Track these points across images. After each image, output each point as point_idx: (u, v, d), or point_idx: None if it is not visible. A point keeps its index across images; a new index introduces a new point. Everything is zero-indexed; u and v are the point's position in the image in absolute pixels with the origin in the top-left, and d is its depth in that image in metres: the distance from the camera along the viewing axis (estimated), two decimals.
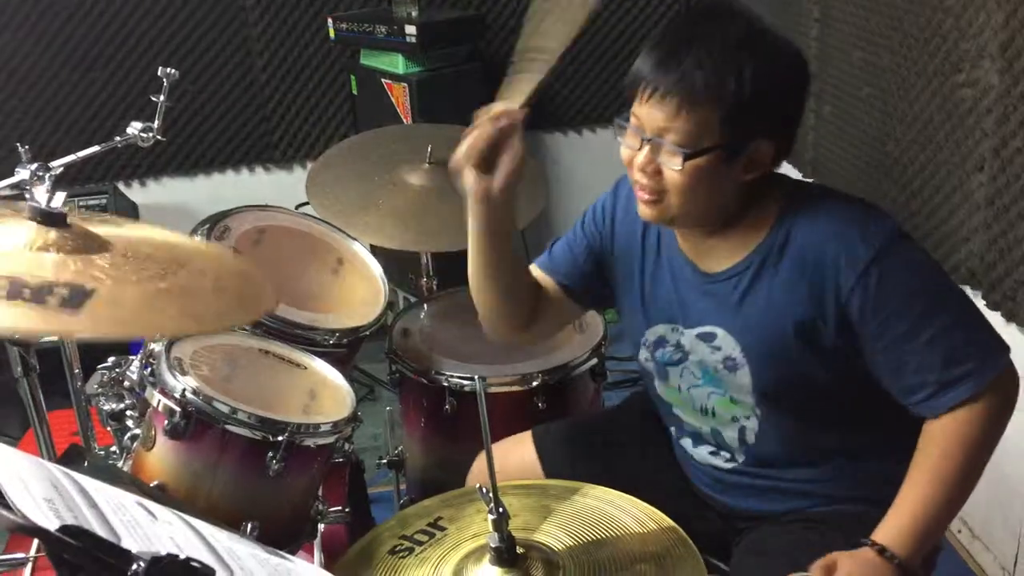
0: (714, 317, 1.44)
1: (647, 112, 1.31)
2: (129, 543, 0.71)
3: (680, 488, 1.61)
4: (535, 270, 1.66)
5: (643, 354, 1.57)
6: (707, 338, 1.45)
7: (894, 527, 1.32)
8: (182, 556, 0.66)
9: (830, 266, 1.33)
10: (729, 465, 1.52)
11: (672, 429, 1.61)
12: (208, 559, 0.78)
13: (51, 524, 0.65)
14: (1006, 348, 1.35)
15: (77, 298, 1.02)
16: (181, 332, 1.50)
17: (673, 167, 1.30)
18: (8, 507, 0.64)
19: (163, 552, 0.66)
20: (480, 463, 1.71)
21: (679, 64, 1.27)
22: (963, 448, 1.32)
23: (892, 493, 1.35)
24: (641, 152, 1.33)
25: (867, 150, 2.63)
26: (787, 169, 3.22)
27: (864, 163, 2.66)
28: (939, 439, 1.33)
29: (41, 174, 1.67)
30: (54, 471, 0.79)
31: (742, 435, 1.49)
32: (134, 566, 0.63)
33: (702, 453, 1.55)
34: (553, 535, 1.16)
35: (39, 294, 1.00)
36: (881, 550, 1.30)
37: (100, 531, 0.69)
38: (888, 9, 2.43)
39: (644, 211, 1.39)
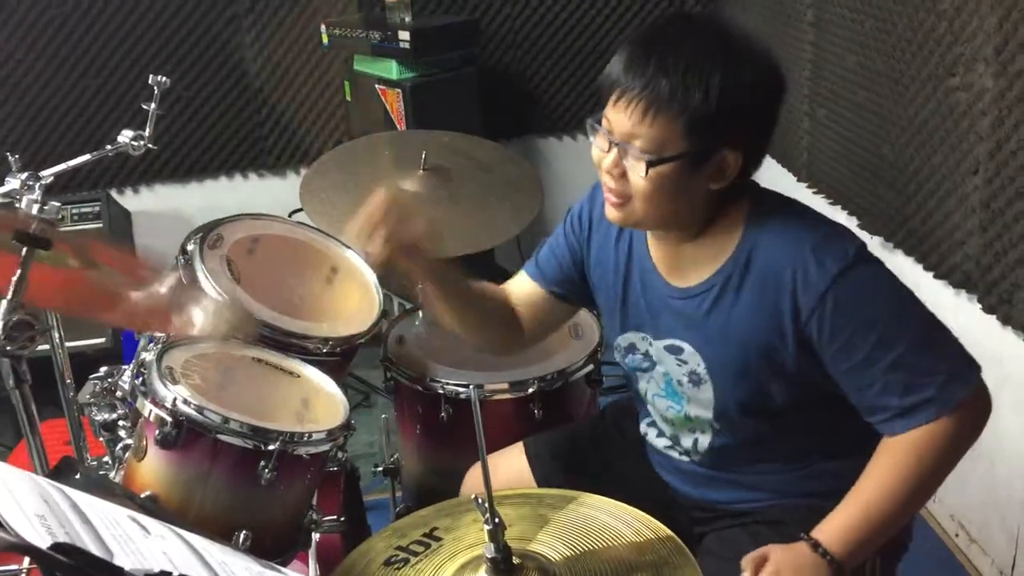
0: (681, 332, 1.45)
1: (615, 115, 1.31)
2: (122, 559, 0.70)
3: (655, 487, 1.62)
4: (523, 279, 1.69)
5: (617, 355, 1.60)
6: (674, 351, 1.47)
7: (834, 526, 1.34)
8: (176, 574, 0.65)
9: (788, 291, 1.33)
10: (685, 459, 1.56)
11: (643, 417, 1.64)
12: (202, 574, 0.77)
13: (43, 541, 0.64)
14: (974, 369, 1.34)
15: None
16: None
17: (638, 173, 1.31)
18: (0, 525, 0.63)
19: (156, 569, 0.65)
20: (474, 473, 1.71)
21: (646, 70, 1.27)
22: (917, 465, 1.32)
23: (845, 488, 1.36)
24: (609, 155, 1.34)
25: (862, 154, 2.62)
26: (781, 173, 3.24)
27: (859, 167, 2.65)
28: (894, 452, 1.34)
29: (31, 183, 1.66)
30: (46, 486, 0.78)
31: (695, 445, 1.53)
32: None
33: (661, 444, 1.59)
34: (549, 545, 1.16)
35: None
36: (815, 545, 1.32)
37: (93, 548, 0.68)
38: (882, 13, 2.43)
39: (611, 213, 1.40)
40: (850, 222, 2.71)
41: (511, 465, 1.69)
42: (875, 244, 2.57)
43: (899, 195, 2.44)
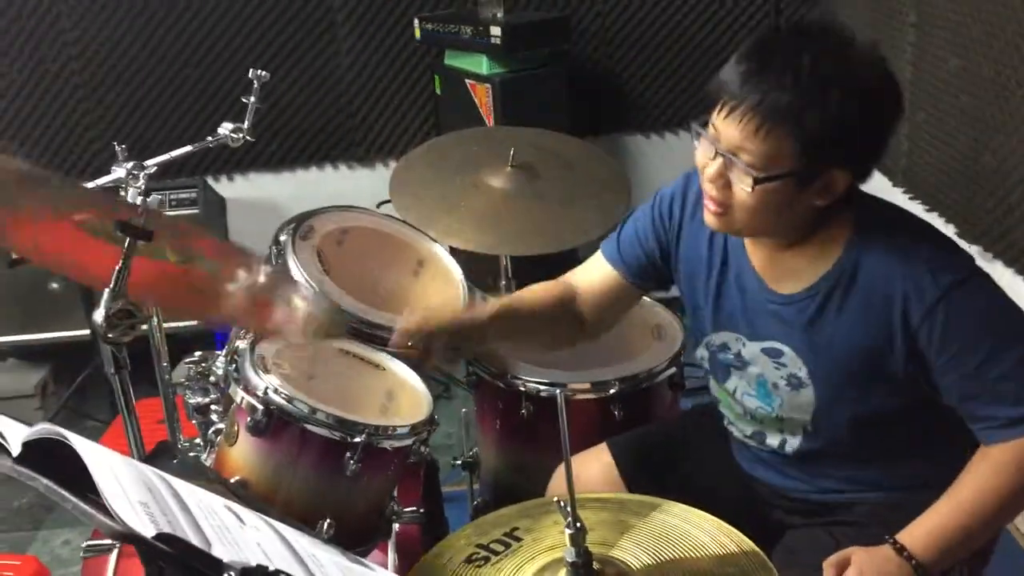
0: (782, 336, 1.43)
1: (724, 126, 1.28)
2: (219, 549, 0.72)
3: (740, 486, 1.62)
4: (599, 264, 1.66)
5: (701, 352, 1.58)
6: (773, 354, 1.45)
7: (921, 530, 1.32)
8: (271, 567, 0.67)
9: (898, 302, 1.31)
10: (766, 452, 1.54)
11: (721, 417, 1.63)
12: (293, 566, 0.79)
13: (147, 529, 0.67)
14: None
15: None
16: None
17: (743, 186, 1.28)
18: (108, 513, 0.66)
19: (252, 562, 0.67)
20: (559, 474, 1.71)
21: (763, 84, 1.24)
22: (1017, 476, 1.30)
23: (941, 483, 1.35)
24: (713, 164, 1.32)
25: (962, 160, 2.54)
26: (877, 178, 3.15)
27: (958, 174, 2.57)
28: (995, 461, 1.32)
29: (136, 172, 1.72)
30: (148, 473, 0.81)
31: (782, 445, 1.51)
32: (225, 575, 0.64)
33: (741, 436, 1.58)
34: (630, 552, 1.15)
35: None
36: (900, 549, 1.30)
37: (192, 537, 0.70)
38: (988, 16, 2.35)
39: (709, 219, 1.38)
40: (947, 229, 2.63)
41: (595, 466, 1.69)
42: (973, 253, 2.48)
43: (1000, 204, 2.35)
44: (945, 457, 1.38)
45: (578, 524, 1.09)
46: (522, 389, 1.98)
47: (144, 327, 1.90)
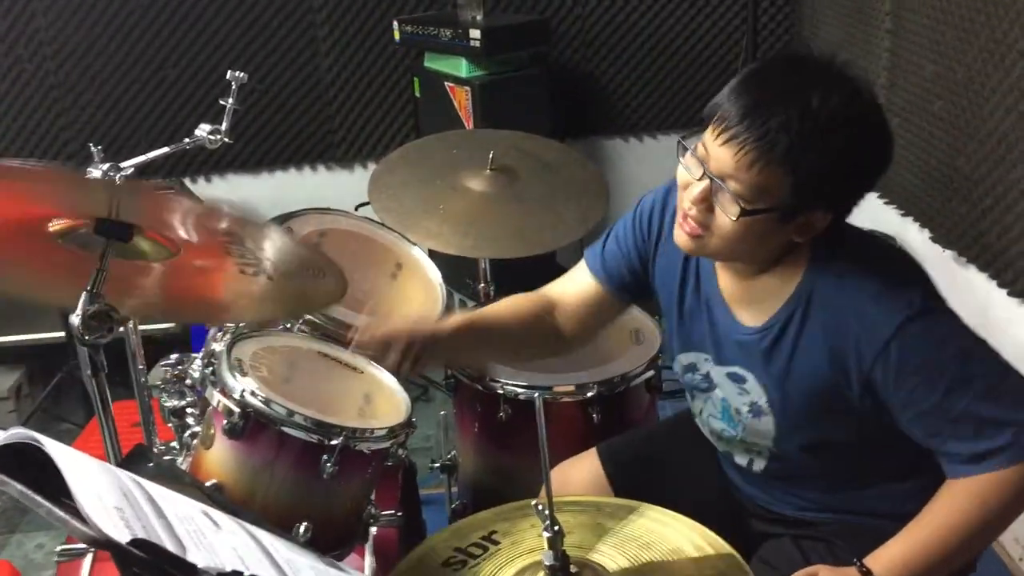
0: (745, 364, 1.42)
1: (717, 152, 1.26)
2: (194, 555, 0.72)
3: (728, 493, 1.63)
4: (582, 274, 1.63)
5: (676, 368, 1.58)
6: (736, 379, 1.45)
7: (888, 556, 1.32)
8: (247, 573, 0.67)
9: (851, 339, 1.29)
10: (743, 465, 1.55)
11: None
12: (269, 571, 0.79)
13: (121, 535, 0.67)
14: None
15: None
16: None
17: (726, 214, 1.27)
18: (82, 519, 0.66)
19: (227, 568, 0.67)
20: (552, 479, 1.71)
21: (766, 120, 1.21)
22: (981, 509, 1.29)
23: (905, 510, 1.35)
24: (698, 185, 1.29)
25: (937, 166, 2.57)
26: None
27: (933, 179, 2.60)
28: (959, 494, 1.31)
29: (112, 174, 1.71)
30: (123, 478, 0.81)
31: (750, 465, 1.52)
32: None
33: (720, 448, 1.58)
34: (607, 555, 1.15)
35: None
36: (867, 573, 1.30)
37: (167, 543, 0.70)
38: (963, 23, 2.37)
39: (682, 240, 1.35)
40: (922, 234, 2.66)
41: (583, 471, 1.69)
42: (947, 258, 2.52)
43: (974, 209, 2.38)
44: (912, 487, 1.39)
45: (556, 527, 1.09)
46: (500, 392, 1.98)
47: (120, 329, 1.89)
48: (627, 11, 3.51)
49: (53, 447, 0.76)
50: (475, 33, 3.03)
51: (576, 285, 1.64)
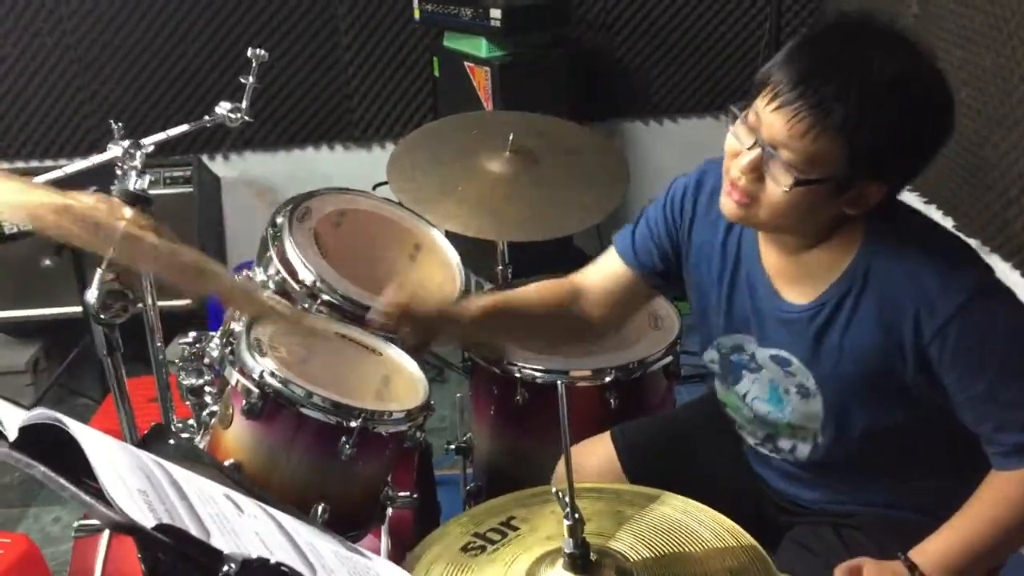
0: (789, 345, 1.40)
1: (770, 119, 1.22)
2: (218, 539, 0.71)
3: (747, 481, 1.60)
4: (611, 259, 1.60)
5: (710, 355, 1.53)
6: (781, 362, 1.42)
7: (933, 550, 1.30)
8: (272, 559, 0.66)
9: (909, 317, 1.27)
10: (776, 457, 1.52)
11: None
12: (292, 556, 0.79)
13: (146, 519, 0.66)
14: None
15: None
16: None
17: (778, 184, 1.23)
18: (107, 502, 0.65)
19: (252, 553, 0.67)
20: (563, 465, 1.70)
21: (821, 88, 1.18)
22: (1020, 507, 1.28)
23: (948, 506, 1.33)
24: (749, 154, 1.25)
25: (963, 154, 2.53)
26: None
27: (959, 168, 2.57)
28: (1006, 485, 1.30)
29: (133, 151, 1.70)
30: (146, 460, 0.80)
31: (793, 451, 1.48)
32: (225, 568, 0.63)
33: (752, 442, 1.54)
34: (628, 543, 1.15)
35: None
36: (912, 567, 1.29)
37: (191, 527, 0.70)
38: (992, 7, 2.34)
39: (729, 208, 1.31)
40: (945, 222, 2.63)
41: (597, 456, 1.68)
42: (972, 245, 2.49)
43: (999, 198, 2.35)
44: (957, 480, 1.36)
45: (577, 515, 1.09)
46: (518, 376, 1.97)
47: (138, 306, 1.88)
48: None
49: (77, 428, 0.75)
50: (496, 13, 3.01)
51: (605, 271, 1.61)
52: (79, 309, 3.05)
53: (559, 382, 1.13)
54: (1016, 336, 1.27)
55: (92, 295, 1.26)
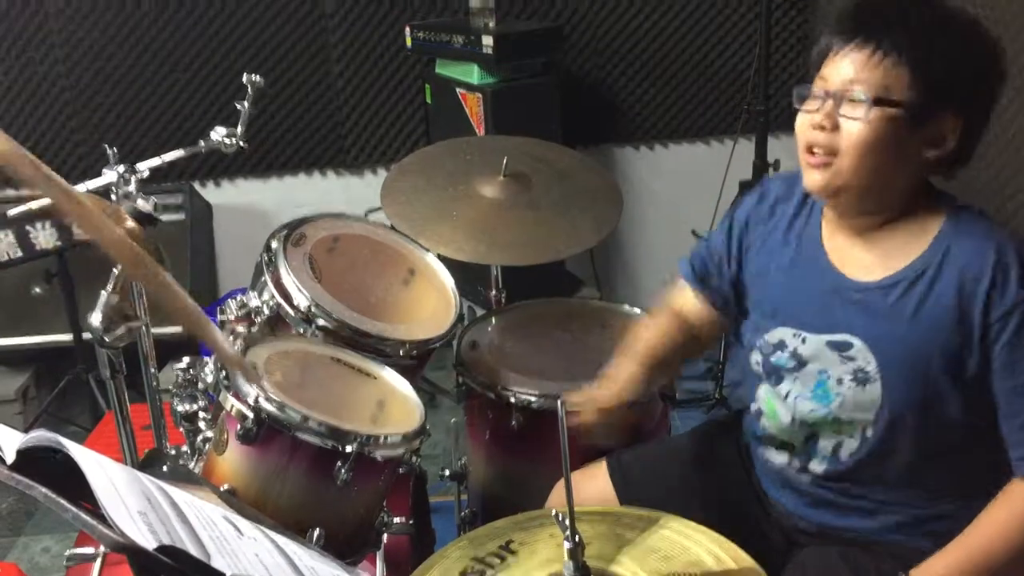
0: (853, 326, 1.40)
1: (837, 67, 1.32)
2: (218, 561, 0.71)
3: (748, 505, 1.60)
4: (685, 295, 1.68)
5: (756, 357, 1.54)
6: (840, 347, 1.41)
7: (939, 568, 1.30)
8: None
9: (983, 290, 1.30)
10: (804, 476, 1.51)
11: (757, 431, 1.60)
12: None
13: (146, 541, 0.65)
14: None
15: None
16: None
17: (856, 116, 1.30)
18: (107, 523, 0.64)
19: (253, 575, 0.66)
20: (559, 488, 1.70)
21: (886, 18, 1.29)
22: None
23: (949, 530, 1.34)
24: (821, 110, 1.33)
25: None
26: None
27: (952, 187, 2.57)
28: (1012, 500, 1.31)
29: (128, 176, 1.70)
30: (145, 482, 0.79)
31: (835, 451, 1.46)
32: None
33: (778, 461, 1.54)
34: (627, 567, 1.14)
35: None
36: None
37: (192, 549, 0.69)
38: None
39: (812, 178, 1.37)
40: None
41: (594, 484, 1.67)
42: None
43: (995, 215, 2.35)
44: (977, 507, 1.35)
45: (577, 537, 1.08)
46: (513, 400, 1.97)
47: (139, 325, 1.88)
48: (640, 19, 3.50)
49: (76, 450, 0.74)
50: (487, 40, 3.03)
51: (685, 297, 1.69)
52: (69, 337, 3.03)
53: (559, 402, 1.12)
54: None
55: (96, 317, 1.26)
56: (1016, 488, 1.31)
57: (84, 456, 0.73)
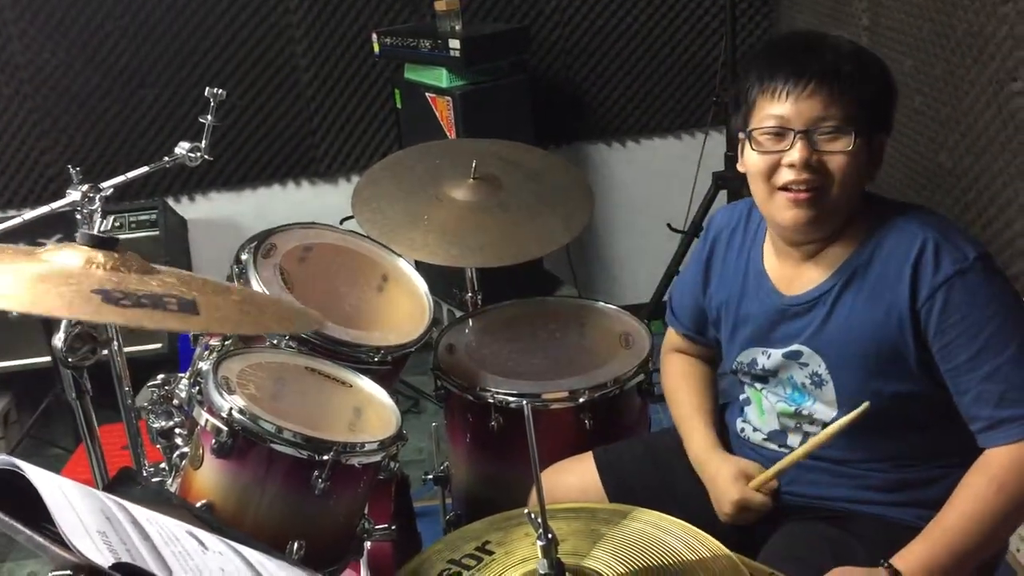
0: (798, 337, 1.47)
1: (795, 107, 1.36)
2: None
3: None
4: (673, 335, 1.82)
5: (738, 376, 1.64)
6: (794, 356, 1.49)
7: (918, 555, 1.32)
8: None
9: (906, 279, 1.35)
10: (780, 445, 1.57)
11: (737, 415, 1.67)
12: None
13: (105, 559, 0.65)
14: None
15: (189, 305, 1.16)
16: (275, 329, 1.66)
17: (841, 148, 1.35)
18: (64, 544, 0.64)
19: None
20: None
21: (824, 57, 1.36)
22: (999, 495, 1.30)
23: (932, 498, 1.37)
24: (794, 148, 1.36)
25: (919, 160, 2.57)
26: None
27: (916, 173, 2.60)
28: (989, 468, 1.33)
29: (92, 195, 1.70)
30: (107, 502, 0.79)
31: (805, 438, 1.52)
32: None
33: (758, 438, 1.60)
34: (603, 561, 1.14)
35: (158, 301, 1.14)
36: (895, 574, 1.30)
37: (152, 565, 0.69)
38: (939, 16, 2.38)
39: (794, 213, 1.40)
40: None
41: (577, 475, 1.69)
42: None
43: (958, 202, 2.38)
44: (955, 475, 1.38)
45: (549, 535, 1.08)
46: (491, 401, 1.97)
47: (104, 352, 1.87)
48: (606, 16, 3.51)
49: (34, 473, 0.74)
50: (455, 43, 3.03)
51: (689, 343, 1.80)
52: (48, 359, 3.02)
53: (524, 402, 1.12)
54: (1000, 310, 1.33)
55: (59, 339, 1.25)
56: (985, 458, 1.33)
57: (41, 478, 0.73)
